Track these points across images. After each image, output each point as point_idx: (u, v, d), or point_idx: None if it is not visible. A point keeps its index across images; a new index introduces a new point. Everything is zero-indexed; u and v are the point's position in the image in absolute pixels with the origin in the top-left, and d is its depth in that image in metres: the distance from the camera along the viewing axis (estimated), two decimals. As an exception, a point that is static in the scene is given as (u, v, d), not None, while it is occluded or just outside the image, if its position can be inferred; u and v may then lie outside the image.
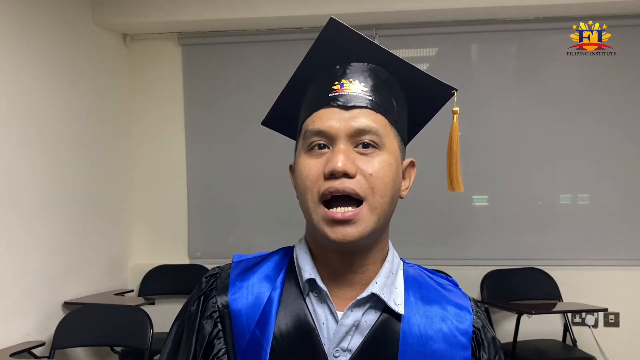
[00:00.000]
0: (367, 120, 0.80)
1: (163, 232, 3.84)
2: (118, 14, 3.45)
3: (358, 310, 0.82)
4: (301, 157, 0.83)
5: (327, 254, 0.84)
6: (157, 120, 3.82)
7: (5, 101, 2.73)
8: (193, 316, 0.87)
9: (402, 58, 0.86)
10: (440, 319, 0.86)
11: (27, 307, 2.84)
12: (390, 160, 0.81)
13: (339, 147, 0.79)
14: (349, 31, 0.84)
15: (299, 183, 0.82)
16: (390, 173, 0.81)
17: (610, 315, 3.42)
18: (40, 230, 2.93)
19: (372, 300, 0.83)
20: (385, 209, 0.81)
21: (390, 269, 0.87)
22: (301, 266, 0.85)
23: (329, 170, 0.78)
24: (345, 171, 0.77)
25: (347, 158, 0.78)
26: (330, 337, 0.82)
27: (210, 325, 0.85)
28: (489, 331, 0.89)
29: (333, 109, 0.81)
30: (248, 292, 0.86)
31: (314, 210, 0.80)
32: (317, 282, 0.83)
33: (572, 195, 3.60)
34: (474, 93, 3.52)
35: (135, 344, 2.79)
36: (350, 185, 0.78)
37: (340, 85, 0.82)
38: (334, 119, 0.80)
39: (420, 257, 3.44)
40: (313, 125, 0.81)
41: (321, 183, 0.79)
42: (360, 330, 0.82)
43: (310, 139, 0.82)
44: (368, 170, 0.79)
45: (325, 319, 0.82)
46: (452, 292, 0.91)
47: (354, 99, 0.81)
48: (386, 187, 0.80)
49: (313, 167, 0.80)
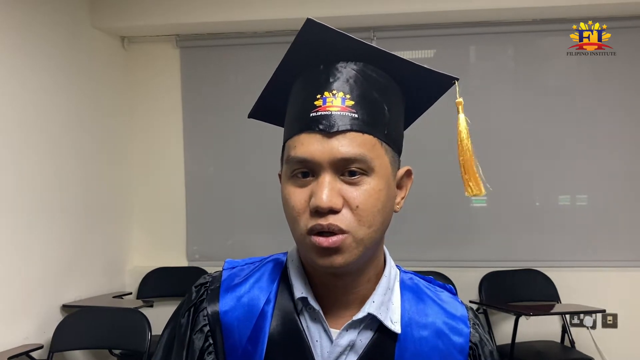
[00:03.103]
0: (352, 147, 0.75)
1: (161, 234, 3.84)
2: (116, 17, 3.45)
3: (353, 330, 0.81)
4: (286, 183, 0.80)
5: (320, 273, 0.82)
6: (155, 122, 3.82)
7: (4, 103, 2.73)
8: (183, 329, 0.85)
9: (389, 52, 0.80)
10: (436, 335, 0.84)
11: (25, 310, 2.84)
12: (379, 186, 0.77)
13: (323, 178, 0.75)
14: (329, 30, 0.78)
15: (287, 210, 0.80)
16: (379, 201, 0.77)
17: (609, 316, 3.42)
18: (38, 233, 2.93)
19: (368, 319, 0.81)
20: (372, 237, 0.78)
21: (388, 284, 0.84)
22: (294, 283, 0.83)
23: (314, 206, 0.74)
24: (330, 207, 0.74)
25: (332, 191, 0.74)
26: (324, 356, 0.80)
27: (201, 339, 0.83)
28: (486, 345, 0.87)
29: (315, 134, 0.75)
30: (240, 303, 0.84)
31: (302, 241, 0.78)
32: (310, 301, 0.81)
33: (570, 197, 3.60)
34: (472, 95, 3.52)
35: (134, 347, 2.78)
36: (334, 222, 0.74)
37: (323, 101, 0.77)
38: (316, 147, 0.75)
39: (419, 259, 3.45)
40: (295, 152, 0.77)
41: (307, 218, 0.76)
42: (355, 350, 0.80)
43: (293, 166, 0.77)
44: (355, 201, 0.75)
45: (319, 337, 0.81)
46: (449, 303, 0.89)
47: (337, 121, 0.75)
48: (374, 218, 0.77)
49: (298, 197, 0.77)
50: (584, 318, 3.43)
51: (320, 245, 0.75)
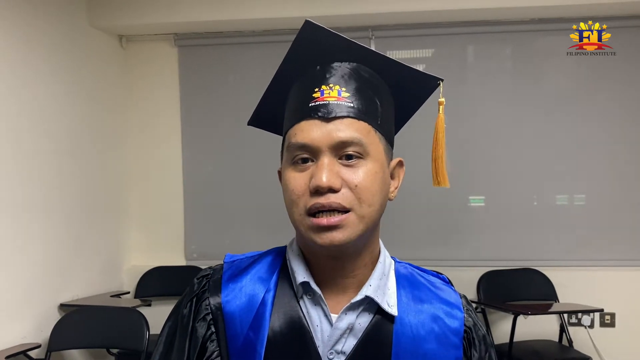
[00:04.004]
0: (349, 131, 0.79)
1: (159, 233, 3.83)
2: (114, 16, 3.44)
3: (352, 313, 0.83)
4: (286, 170, 0.83)
5: (319, 258, 0.84)
6: (153, 121, 3.82)
7: (0, 103, 2.72)
8: (186, 319, 0.87)
9: (383, 54, 0.86)
10: (431, 319, 0.87)
11: (22, 309, 2.83)
12: (375, 169, 0.81)
13: (322, 161, 0.79)
14: (326, 32, 0.83)
15: (286, 196, 0.83)
16: (376, 182, 0.81)
17: (606, 315, 3.42)
18: (35, 232, 2.92)
19: (365, 302, 0.84)
20: (373, 217, 0.82)
21: (383, 270, 0.87)
22: (294, 269, 0.86)
23: (313, 186, 0.78)
24: (330, 187, 0.77)
25: (331, 172, 0.78)
26: (324, 340, 0.82)
27: (204, 327, 0.85)
28: (479, 329, 0.91)
29: (314, 120, 0.80)
30: (241, 293, 0.86)
31: (301, 222, 0.81)
32: (311, 285, 0.83)
33: (568, 196, 3.60)
34: (470, 94, 3.53)
35: (132, 346, 2.78)
36: (336, 200, 0.78)
37: (321, 93, 0.81)
38: (315, 132, 0.79)
39: (416, 258, 3.42)
40: (295, 139, 0.81)
41: (307, 199, 0.79)
42: (354, 333, 0.83)
43: (293, 153, 0.81)
44: (353, 181, 0.79)
45: (320, 322, 0.83)
46: (443, 290, 0.92)
47: (335, 109, 0.80)
48: (373, 197, 0.80)
49: (298, 181, 0.80)
50: (581, 317, 3.43)
51: (319, 224, 0.78)
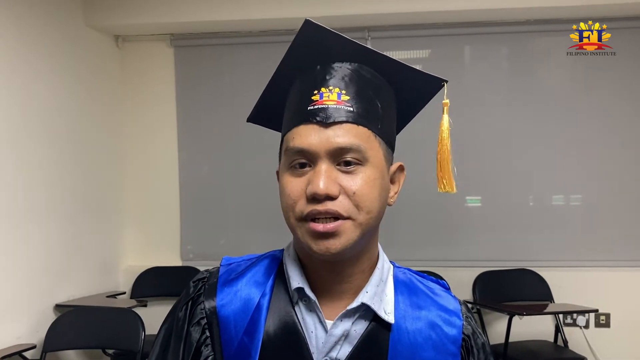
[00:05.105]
0: (348, 137, 0.77)
1: (155, 234, 3.83)
2: (110, 16, 3.43)
3: (348, 320, 0.82)
4: (284, 173, 0.81)
5: (315, 263, 0.83)
6: (149, 121, 3.81)
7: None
8: (181, 323, 0.86)
9: (385, 54, 0.84)
10: (429, 326, 0.85)
11: (18, 309, 2.82)
12: (374, 175, 0.79)
13: (320, 167, 0.77)
14: (327, 32, 0.81)
15: (282, 200, 0.81)
16: (375, 189, 0.79)
17: (601, 316, 3.43)
18: (31, 232, 2.91)
19: (362, 309, 0.82)
20: (371, 224, 0.80)
21: (381, 276, 0.86)
22: (290, 274, 0.84)
23: (310, 193, 0.76)
24: (327, 194, 0.75)
25: (329, 179, 0.76)
26: (319, 347, 0.81)
27: (198, 332, 0.85)
28: (479, 337, 0.89)
29: (313, 125, 0.78)
30: (236, 297, 0.85)
31: (297, 227, 0.79)
32: (306, 291, 0.82)
33: (564, 196, 3.61)
34: (467, 95, 3.53)
35: (128, 347, 2.77)
36: (333, 207, 0.76)
37: (320, 96, 0.79)
38: (314, 137, 0.77)
39: (412, 259, 3.45)
40: (293, 143, 0.79)
41: (304, 205, 0.78)
42: (350, 340, 0.82)
43: (291, 157, 0.79)
44: (352, 188, 0.77)
45: (314, 328, 0.82)
46: (442, 296, 0.90)
47: (334, 114, 0.78)
48: (372, 204, 0.79)
49: (295, 186, 0.79)
50: (577, 318, 3.44)
51: (316, 230, 0.77)
